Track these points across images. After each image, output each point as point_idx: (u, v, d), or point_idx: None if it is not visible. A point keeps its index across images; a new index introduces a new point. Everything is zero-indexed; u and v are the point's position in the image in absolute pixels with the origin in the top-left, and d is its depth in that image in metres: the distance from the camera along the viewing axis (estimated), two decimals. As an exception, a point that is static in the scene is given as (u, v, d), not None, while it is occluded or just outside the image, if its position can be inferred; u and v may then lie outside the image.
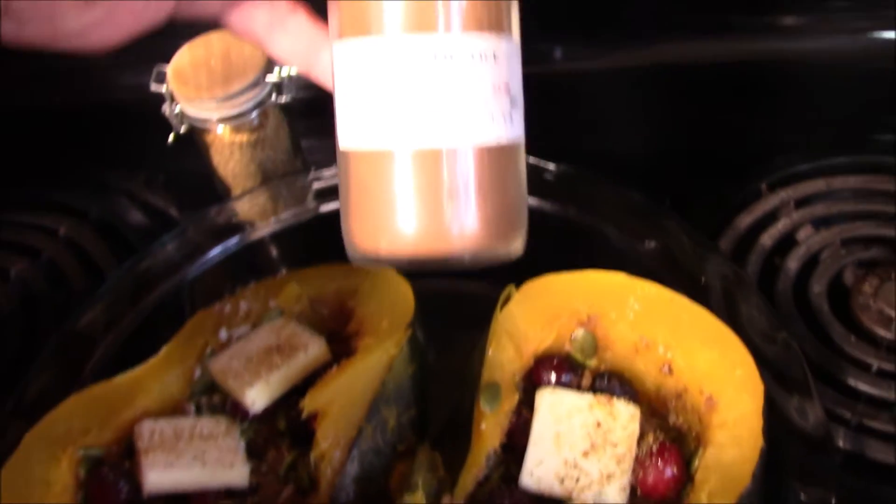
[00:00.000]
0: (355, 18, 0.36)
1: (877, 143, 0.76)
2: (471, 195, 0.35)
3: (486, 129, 0.35)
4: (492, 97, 0.35)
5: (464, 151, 0.35)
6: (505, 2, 0.36)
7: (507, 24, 0.36)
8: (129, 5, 0.36)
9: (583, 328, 0.53)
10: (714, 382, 0.50)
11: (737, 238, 0.68)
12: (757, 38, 0.82)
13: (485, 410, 0.49)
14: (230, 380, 0.53)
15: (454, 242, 0.36)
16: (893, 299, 0.62)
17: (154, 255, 0.64)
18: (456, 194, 0.35)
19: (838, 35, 0.82)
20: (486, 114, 0.35)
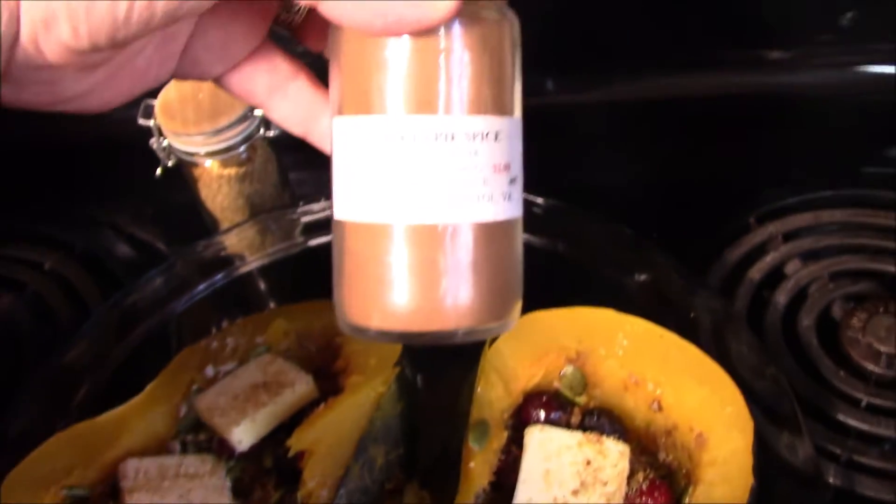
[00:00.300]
0: (357, 96, 0.35)
1: (864, 176, 0.76)
2: (466, 271, 0.35)
3: (484, 208, 0.34)
4: (491, 176, 0.34)
5: (461, 229, 0.35)
6: (508, 83, 0.36)
7: (509, 104, 0.36)
8: (131, 69, 0.36)
9: (572, 365, 0.53)
10: (704, 419, 0.50)
11: (725, 272, 0.68)
12: (745, 73, 0.83)
13: (473, 448, 0.49)
14: (216, 417, 0.53)
15: (448, 319, 0.35)
16: (882, 333, 0.62)
17: (141, 289, 0.64)
18: (451, 270, 0.35)
19: (825, 69, 0.83)
20: (484, 193, 0.34)
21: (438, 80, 0.34)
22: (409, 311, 0.35)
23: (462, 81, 0.34)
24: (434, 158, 0.34)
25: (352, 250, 0.36)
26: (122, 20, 0.31)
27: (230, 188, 0.71)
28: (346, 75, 0.35)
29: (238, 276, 0.66)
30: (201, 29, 0.37)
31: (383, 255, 0.35)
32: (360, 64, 0.35)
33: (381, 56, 0.34)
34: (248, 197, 0.72)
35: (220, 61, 0.38)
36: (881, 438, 0.58)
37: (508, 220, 0.36)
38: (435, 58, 0.34)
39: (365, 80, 0.35)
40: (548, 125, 0.70)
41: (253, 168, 0.70)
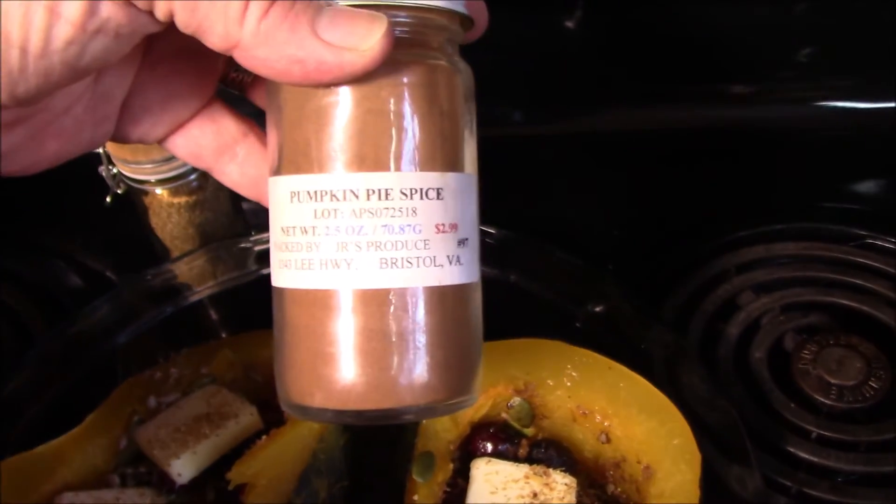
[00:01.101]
0: (286, 154, 0.33)
1: (819, 210, 0.77)
2: (414, 342, 0.32)
3: (426, 273, 0.32)
4: (434, 237, 0.32)
5: (404, 295, 0.32)
6: (453, 137, 0.33)
7: (455, 160, 0.33)
8: (57, 129, 0.33)
9: (519, 396, 0.52)
10: (652, 452, 0.49)
11: (679, 303, 0.68)
12: (703, 106, 0.84)
13: (417, 481, 0.48)
14: (156, 450, 0.52)
15: (398, 395, 0.32)
16: (833, 366, 0.62)
17: (85, 318, 0.62)
18: (397, 341, 0.32)
19: (784, 104, 0.84)
20: (426, 255, 0.32)
21: (372, 133, 0.32)
22: (352, 388, 0.32)
23: (399, 134, 0.32)
24: (368, 218, 0.32)
25: (290, 320, 0.33)
26: (17, 72, 0.29)
27: (180, 217, 0.70)
28: (276, 132, 0.34)
29: (187, 305, 0.65)
30: (139, 88, 0.35)
31: (323, 324, 0.32)
32: (291, 118, 0.33)
33: (310, 109, 0.32)
34: (198, 226, 0.71)
35: (162, 123, 0.36)
36: (832, 471, 0.57)
37: (458, 285, 0.33)
38: (366, 110, 0.31)
39: (295, 137, 0.33)
40: (500, 157, 0.70)
41: (204, 197, 0.70)
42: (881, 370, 0.61)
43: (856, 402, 0.60)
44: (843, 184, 0.82)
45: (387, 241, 0.32)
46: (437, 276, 0.32)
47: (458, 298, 0.33)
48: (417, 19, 0.32)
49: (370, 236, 0.32)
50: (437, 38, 0.33)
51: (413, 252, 0.32)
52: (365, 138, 0.32)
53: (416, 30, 0.32)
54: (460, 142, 0.33)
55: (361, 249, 0.32)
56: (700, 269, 0.71)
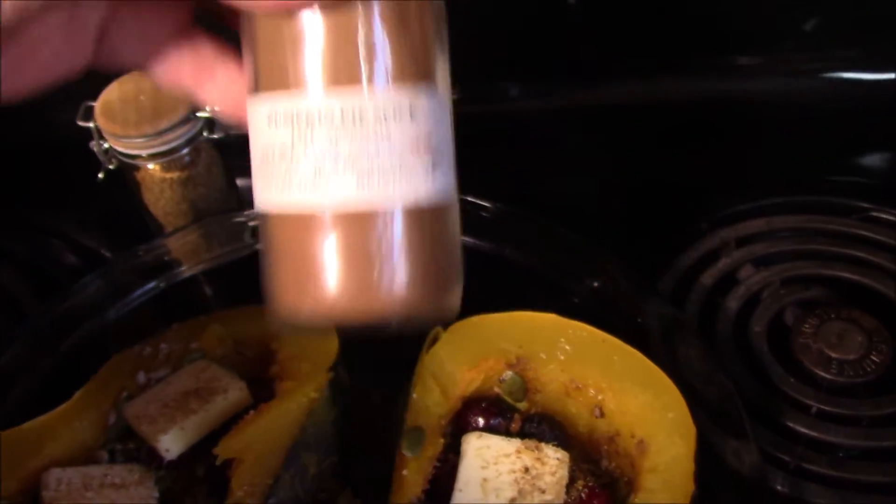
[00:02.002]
0: (266, 72, 0.34)
1: (820, 183, 0.76)
2: (394, 256, 0.33)
3: (405, 189, 0.33)
4: (409, 157, 0.32)
5: (383, 212, 0.33)
6: (425, 54, 0.34)
7: (429, 76, 0.34)
8: (35, 59, 0.34)
9: (511, 370, 0.51)
10: (646, 426, 0.49)
11: (677, 277, 0.67)
12: (704, 78, 0.82)
13: (407, 455, 0.47)
14: (144, 425, 0.51)
15: (380, 306, 0.34)
16: (833, 340, 0.61)
17: (77, 294, 0.62)
18: (379, 256, 0.33)
19: (785, 76, 0.82)
20: (402, 174, 0.33)
21: (343, 51, 0.32)
22: (338, 300, 0.33)
23: (370, 50, 0.32)
24: (344, 139, 0.32)
25: (276, 241, 0.35)
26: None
27: (173, 192, 0.69)
28: (251, 55, 0.34)
29: (179, 280, 0.65)
30: (116, 16, 0.35)
31: (308, 243, 0.34)
32: (266, 42, 0.33)
33: (284, 32, 0.33)
34: (192, 201, 0.70)
35: (140, 50, 0.37)
36: (831, 446, 0.56)
37: (434, 201, 0.34)
38: (336, 29, 0.32)
39: (270, 60, 0.33)
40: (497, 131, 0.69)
41: (196, 171, 0.69)
42: (882, 344, 0.60)
43: (856, 376, 0.59)
44: (846, 156, 0.80)
45: (363, 160, 0.32)
46: (413, 194, 0.33)
47: (435, 217, 0.34)
48: None
49: (346, 157, 0.33)
50: None
51: (389, 171, 0.33)
52: (337, 57, 0.32)
53: None
54: (432, 58, 0.34)
55: (338, 170, 0.33)
56: (699, 243, 0.69)
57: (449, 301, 0.35)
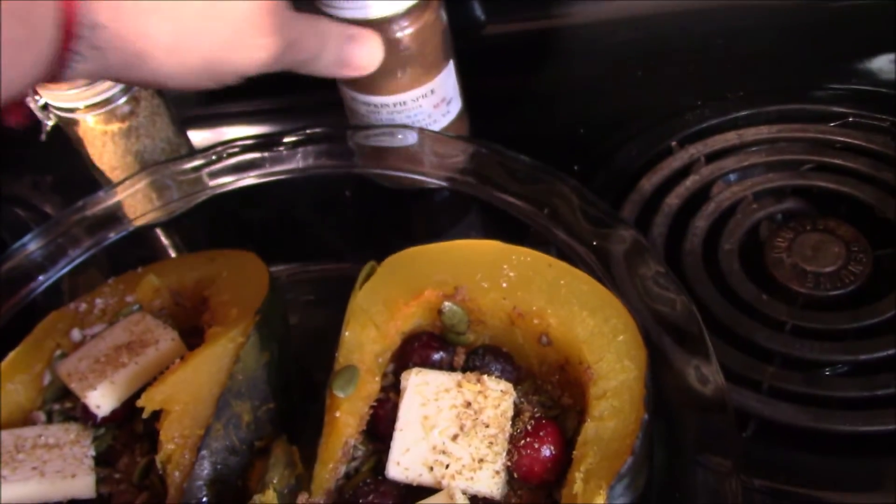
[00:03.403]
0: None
1: (788, 92, 0.71)
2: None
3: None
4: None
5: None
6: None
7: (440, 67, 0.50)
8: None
9: (450, 301, 0.48)
10: (594, 351, 0.45)
11: (645, 198, 0.64)
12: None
13: (339, 396, 0.45)
14: (75, 382, 0.49)
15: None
16: (808, 252, 0.57)
17: (17, 253, 0.60)
18: None
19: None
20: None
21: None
22: None
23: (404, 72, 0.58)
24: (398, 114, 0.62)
25: None
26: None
27: (116, 145, 0.66)
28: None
29: (124, 234, 0.62)
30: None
31: None
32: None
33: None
34: (136, 153, 0.67)
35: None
36: (807, 363, 0.53)
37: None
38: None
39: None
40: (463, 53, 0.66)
41: (138, 122, 0.66)
42: (861, 254, 0.57)
43: (834, 288, 0.56)
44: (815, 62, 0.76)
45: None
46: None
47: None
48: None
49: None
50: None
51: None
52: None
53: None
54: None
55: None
56: (668, 161, 0.66)
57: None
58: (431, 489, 0.43)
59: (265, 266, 0.51)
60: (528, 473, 0.44)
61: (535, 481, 0.44)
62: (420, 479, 0.43)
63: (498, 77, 0.76)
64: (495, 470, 0.43)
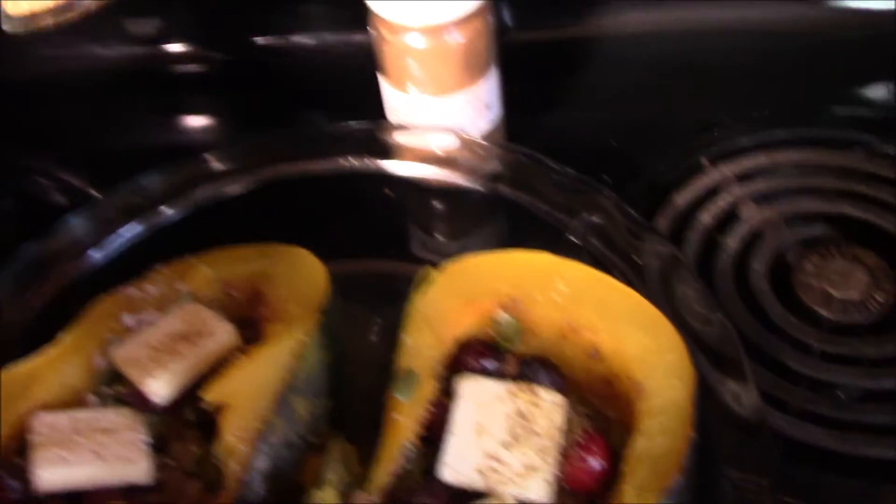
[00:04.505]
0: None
1: (823, 116, 0.74)
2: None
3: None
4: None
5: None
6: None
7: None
8: None
9: (505, 311, 0.50)
10: (643, 368, 0.47)
11: (676, 215, 0.65)
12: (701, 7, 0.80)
13: (399, 399, 0.46)
14: (132, 369, 0.50)
15: None
16: (836, 278, 0.60)
17: (61, 233, 0.61)
18: None
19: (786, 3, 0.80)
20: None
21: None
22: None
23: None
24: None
25: None
26: None
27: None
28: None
29: (168, 220, 0.63)
30: None
31: None
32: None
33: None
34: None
35: None
36: (833, 386, 0.55)
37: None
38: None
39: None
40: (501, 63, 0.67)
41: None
42: (886, 283, 0.59)
43: (859, 316, 0.58)
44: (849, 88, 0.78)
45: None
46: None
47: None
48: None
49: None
50: None
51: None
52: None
53: None
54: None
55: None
56: (699, 179, 0.68)
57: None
58: (481, 493, 0.45)
59: (322, 264, 0.53)
60: (577, 484, 0.45)
61: (584, 492, 0.46)
62: (471, 483, 0.45)
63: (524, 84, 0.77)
64: (546, 479, 0.45)
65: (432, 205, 0.69)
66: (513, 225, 0.66)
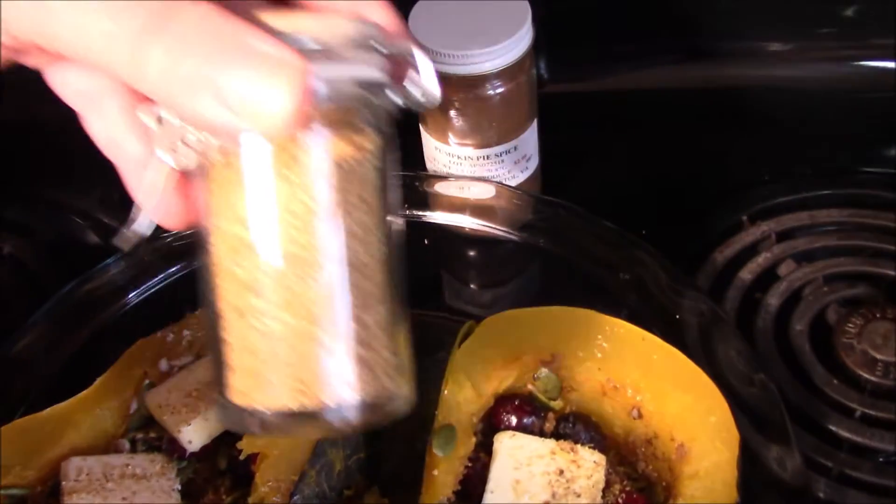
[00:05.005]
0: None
1: (863, 175, 0.73)
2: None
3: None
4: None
5: None
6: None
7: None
8: None
9: (546, 367, 0.49)
10: (686, 429, 0.47)
11: (715, 272, 0.65)
12: (742, 64, 0.79)
13: (438, 455, 0.45)
14: (167, 415, 0.50)
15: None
16: (879, 340, 0.58)
17: (99, 276, 0.60)
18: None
19: (825, 63, 0.79)
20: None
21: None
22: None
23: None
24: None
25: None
26: None
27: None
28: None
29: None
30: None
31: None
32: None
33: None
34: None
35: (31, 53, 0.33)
36: (875, 451, 0.54)
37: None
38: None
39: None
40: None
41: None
42: (929, 345, 0.58)
43: (903, 379, 0.57)
44: (889, 149, 0.77)
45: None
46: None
47: None
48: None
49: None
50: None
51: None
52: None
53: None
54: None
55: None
56: (739, 236, 0.67)
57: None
58: (517, 553, 0.44)
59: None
60: (617, 546, 0.45)
61: (623, 555, 0.45)
62: (508, 542, 0.44)
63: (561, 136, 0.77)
64: (585, 540, 0.44)
65: (468, 254, 0.68)
66: (549, 277, 0.65)
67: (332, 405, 0.34)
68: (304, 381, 0.34)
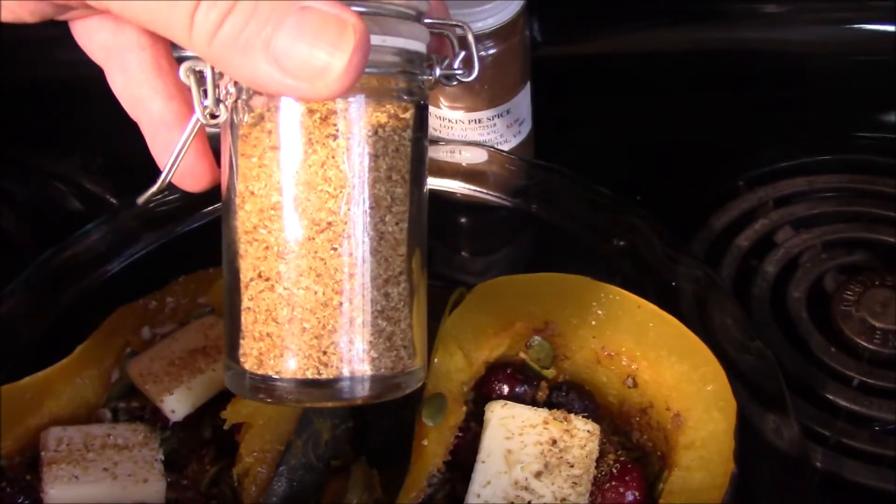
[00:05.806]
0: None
1: (862, 140, 0.72)
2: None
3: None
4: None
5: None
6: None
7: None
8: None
9: (539, 335, 0.48)
10: (682, 398, 0.45)
11: (711, 238, 0.64)
12: (737, 27, 0.78)
13: (427, 424, 0.44)
14: (149, 384, 0.49)
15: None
16: (877, 308, 0.57)
17: (79, 242, 0.59)
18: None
19: (823, 25, 0.78)
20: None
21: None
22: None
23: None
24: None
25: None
26: None
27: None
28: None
29: (186, 231, 0.61)
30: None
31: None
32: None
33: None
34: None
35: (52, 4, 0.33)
36: (873, 420, 0.53)
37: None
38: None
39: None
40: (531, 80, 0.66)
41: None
42: (929, 314, 0.57)
43: (901, 347, 0.56)
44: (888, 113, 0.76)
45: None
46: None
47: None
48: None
49: None
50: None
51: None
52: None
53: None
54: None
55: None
56: (735, 203, 0.66)
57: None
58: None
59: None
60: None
61: (617, 525, 0.44)
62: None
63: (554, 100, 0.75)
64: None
65: (459, 220, 0.67)
66: (542, 244, 0.64)
67: (347, 375, 0.34)
68: (324, 349, 0.34)
